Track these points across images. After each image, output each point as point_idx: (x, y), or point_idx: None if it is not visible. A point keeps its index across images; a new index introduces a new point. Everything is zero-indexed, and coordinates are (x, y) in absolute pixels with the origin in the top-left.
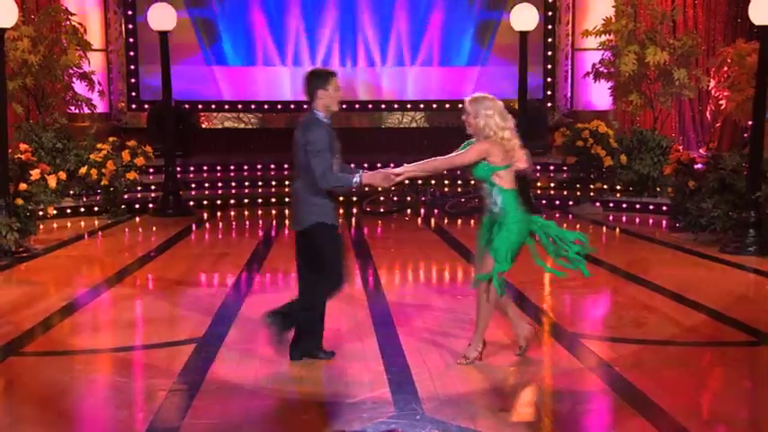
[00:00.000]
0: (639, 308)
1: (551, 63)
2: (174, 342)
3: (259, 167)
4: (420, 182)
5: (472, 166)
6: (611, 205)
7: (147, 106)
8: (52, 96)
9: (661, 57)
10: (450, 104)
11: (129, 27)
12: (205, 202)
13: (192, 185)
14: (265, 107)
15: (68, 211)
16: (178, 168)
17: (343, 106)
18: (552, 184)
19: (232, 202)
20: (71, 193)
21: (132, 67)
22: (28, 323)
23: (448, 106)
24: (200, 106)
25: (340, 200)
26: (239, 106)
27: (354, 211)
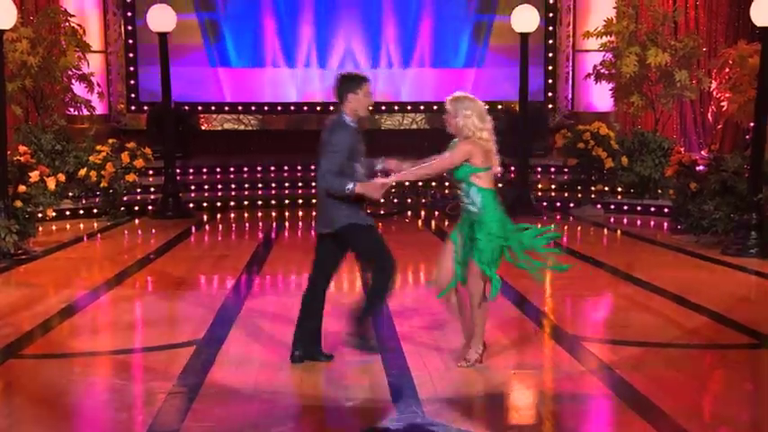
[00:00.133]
0: (641, 310)
1: (552, 64)
2: (174, 344)
3: (259, 169)
4: (421, 184)
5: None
6: (612, 207)
7: (146, 108)
8: (51, 98)
9: (662, 58)
10: None
11: (129, 28)
12: (205, 204)
13: (192, 187)
14: (265, 109)
15: (67, 213)
16: (178, 170)
17: None
18: (553, 185)
19: (232, 204)
20: (70, 195)
21: (131, 69)
22: (27, 325)
23: None
24: (200, 108)
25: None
26: (239, 108)
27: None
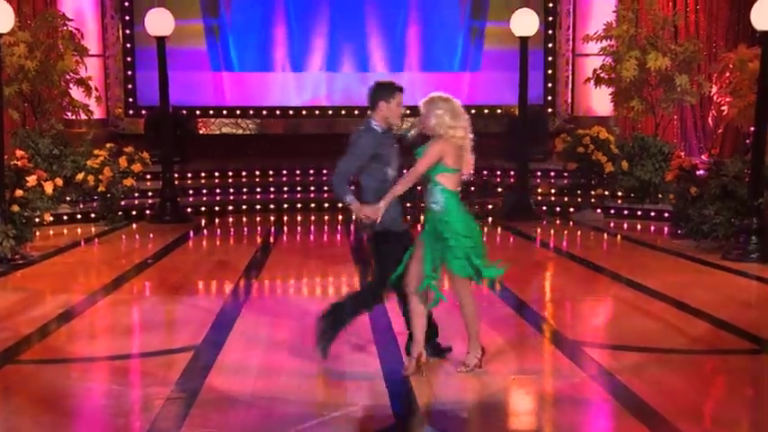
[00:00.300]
0: (641, 315)
1: (552, 68)
2: (172, 350)
3: (257, 173)
4: (419, 188)
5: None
6: (612, 212)
7: (144, 112)
8: (49, 102)
9: (662, 62)
10: None
11: (127, 32)
12: (203, 208)
13: (190, 192)
14: (263, 113)
15: (65, 217)
16: (175, 174)
17: (342, 112)
18: (553, 190)
19: (230, 208)
20: (68, 199)
21: (129, 73)
22: (24, 331)
23: None
24: (198, 112)
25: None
26: (237, 112)
27: (353, 217)
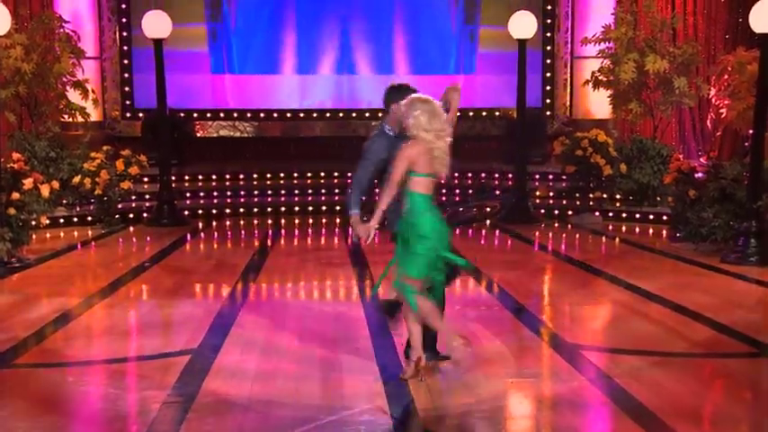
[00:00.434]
0: (640, 318)
1: (550, 71)
2: (169, 353)
3: (255, 176)
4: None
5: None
6: (610, 215)
7: (141, 115)
8: (45, 105)
9: (661, 65)
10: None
11: (124, 35)
12: (200, 211)
13: (187, 195)
14: (261, 115)
15: (61, 220)
16: (173, 177)
17: (340, 114)
18: (551, 193)
19: (227, 211)
20: (64, 202)
21: (126, 76)
22: (21, 334)
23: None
24: (196, 115)
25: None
26: (234, 114)
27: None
